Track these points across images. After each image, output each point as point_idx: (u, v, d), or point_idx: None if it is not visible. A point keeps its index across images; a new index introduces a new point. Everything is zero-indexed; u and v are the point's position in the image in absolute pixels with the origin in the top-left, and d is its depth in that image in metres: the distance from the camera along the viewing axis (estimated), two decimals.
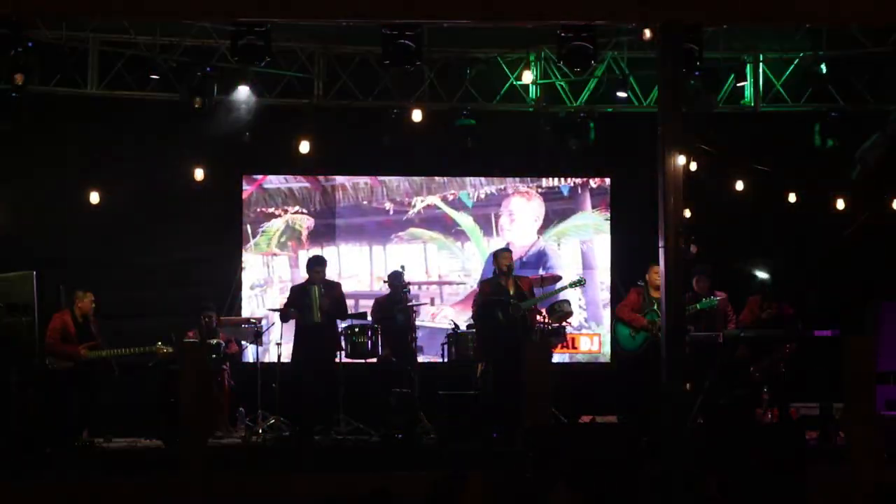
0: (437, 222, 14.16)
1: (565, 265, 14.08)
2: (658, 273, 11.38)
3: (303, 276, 12.46)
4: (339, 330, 12.17)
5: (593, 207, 14.25)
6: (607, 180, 14.31)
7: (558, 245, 14.24)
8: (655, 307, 11.71)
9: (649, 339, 11.78)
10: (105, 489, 9.91)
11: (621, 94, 13.17)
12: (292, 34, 12.68)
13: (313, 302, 11.89)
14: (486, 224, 14.22)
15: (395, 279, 12.42)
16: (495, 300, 11.97)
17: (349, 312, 12.55)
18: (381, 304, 12.58)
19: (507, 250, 12.42)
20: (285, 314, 12.13)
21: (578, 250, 14.26)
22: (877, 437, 10.01)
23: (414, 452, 11.26)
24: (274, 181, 14.04)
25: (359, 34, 12.38)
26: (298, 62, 13.07)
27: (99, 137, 13.10)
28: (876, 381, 10.49)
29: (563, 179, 14.31)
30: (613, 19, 11.11)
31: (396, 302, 12.23)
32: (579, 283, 12.82)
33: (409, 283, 12.40)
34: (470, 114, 13.27)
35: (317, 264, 12.16)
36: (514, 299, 11.85)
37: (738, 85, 13.16)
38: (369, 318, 12.53)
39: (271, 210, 14.00)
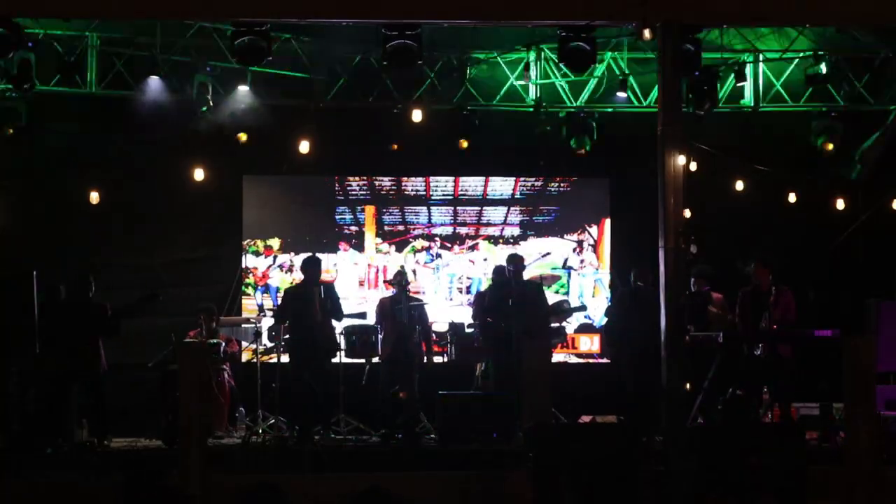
0: None
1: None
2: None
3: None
4: (340, 330, 12.16)
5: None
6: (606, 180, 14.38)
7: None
8: None
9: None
10: (105, 489, 9.90)
11: (621, 95, 13.18)
12: (292, 34, 12.68)
13: (313, 303, 11.84)
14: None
15: (398, 279, 12.40)
16: (498, 298, 11.95)
17: (348, 312, 12.56)
18: (383, 304, 12.59)
19: (517, 255, 12.38)
20: (282, 317, 12.04)
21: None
22: (877, 437, 10.00)
23: (414, 452, 11.25)
24: None
25: (359, 34, 12.39)
26: (298, 62, 13.06)
27: (99, 137, 13.10)
28: (876, 381, 10.48)
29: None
30: (613, 19, 11.11)
31: (398, 302, 12.22)
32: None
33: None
34: (469, 114, 13.31)
35: (313, 265, 12.11)
36: (516, 306, 11.78)
37: (737, 85, 13.16)
38: (373, 318, 12.53)
39: None
